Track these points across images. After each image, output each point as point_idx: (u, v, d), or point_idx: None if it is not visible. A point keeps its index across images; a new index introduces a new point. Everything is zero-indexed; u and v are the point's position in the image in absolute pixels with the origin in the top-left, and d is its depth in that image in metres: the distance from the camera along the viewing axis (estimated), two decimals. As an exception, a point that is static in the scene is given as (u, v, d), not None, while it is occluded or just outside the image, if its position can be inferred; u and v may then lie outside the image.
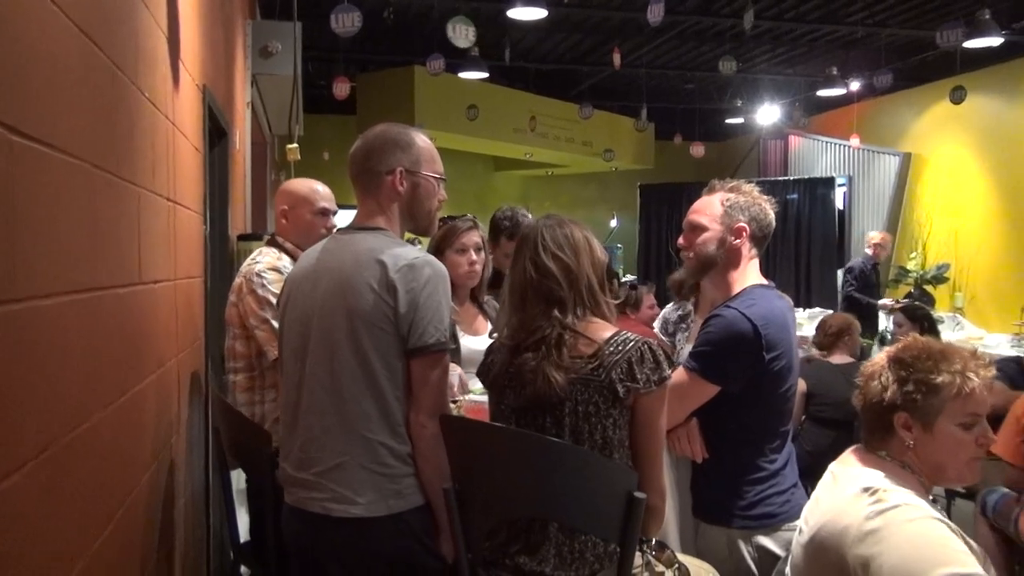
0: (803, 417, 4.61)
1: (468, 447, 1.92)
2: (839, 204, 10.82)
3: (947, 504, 4.50)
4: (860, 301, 7.57)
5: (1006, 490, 3.56)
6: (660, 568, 1.92)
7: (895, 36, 8.62)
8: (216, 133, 3.93)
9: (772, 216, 2.41)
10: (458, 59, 8.19)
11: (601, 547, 1.86)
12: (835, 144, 11.15)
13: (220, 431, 2.63)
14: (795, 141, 11.95)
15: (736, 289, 2.34)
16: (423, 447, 1.93)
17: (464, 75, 9.01)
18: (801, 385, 4.71)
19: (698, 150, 11.47)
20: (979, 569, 1.54)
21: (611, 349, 1.88)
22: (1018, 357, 4.39)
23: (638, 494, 1.79)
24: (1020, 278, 8.36)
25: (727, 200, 2.36)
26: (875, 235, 8.27)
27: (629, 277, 11.11)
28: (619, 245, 12.72)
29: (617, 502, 1.79)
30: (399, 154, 2.07)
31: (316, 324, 1.99)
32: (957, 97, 8.57)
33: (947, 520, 1.65)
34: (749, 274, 2.37)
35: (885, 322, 7.75)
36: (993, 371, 1.79)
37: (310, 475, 1.97)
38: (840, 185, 10.84)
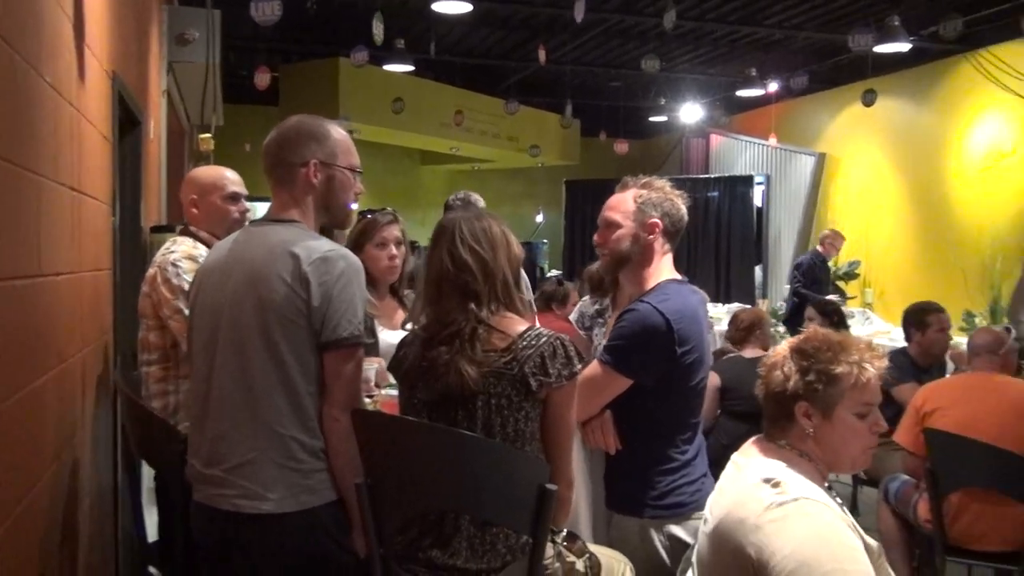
0: (718, 411, 4.73)
1: (380, 441, 1.92)
2: (757, 202, 11.12)
3: (853, 491, 4.68)
4: (806, 297, 7.73)
5: (906, 477, 3.72)
6: (571, 558, 1.95)
7: (810, 39, 8.89)
8: (128, 121, 3.81)
9: (684, 211, 2.46)
10: (383, 52, 8.12)
11: (513, 539, 1.88)
12: (754, 143, 11.45)
13: (127, 427, 2.56)
14: (716, 140, 12.23)
15: (650, 284, 2.38)
16: (336, 442, 1.92)
17: (389, 68, 8.94)
18: (715, 379, 4.83)
19: (622, 147, 11.62)
20: (870, 568, 1.60)
21: (524, 343, 1.90)
22: (905, 348, 4.59)
23: (550, 486, 1.82)
24: (926, 275, 8.73)
25: (640, 196, 2.40)
26: (826, 231, 8.45)
27: (554, 272, 11.22)
28: (545, 240, 12.82)
29: (529, 494, 1.81)
30: (314, 146, 2.04)
31: (226, 317, 1.95)
32: (868, 100, 8.89)
33: (846, 514, 1.71)
34: (663, 269, 2.42)
35: (860, 321, 7.94)
36: (886, 362, 1.87)
37: (219, 471, 1.93)
38: (758, 183, 11.13)
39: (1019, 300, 4.76)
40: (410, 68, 8.75)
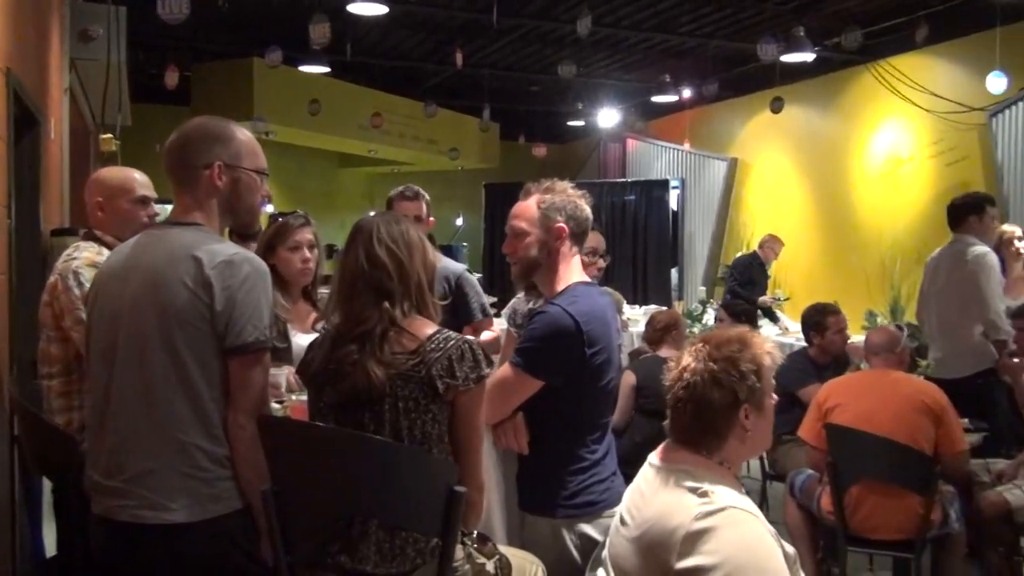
0: (633, 410, 4.82)
1: (287, 448, 1.90)
2: (673, 205, 11.35)
3: (763, 486, 4.83)
4: (741, 297, 7.89)
5: (811, 471, 3.86)
6: (481, 560, 1.96)
7: (721, 48, 9.14)
8: (25, 120, 3.66)
9: (588, 211, 2.49)
10: (298, 52, 8.00)
11: (422, 542, 1.88)
12: (669, 148, 11.70)
13: (23, 439, 2.46)
14: (633, 144, 12.44)
15: (560, 287, 2.41)
16: (241, 449, 1.89)
17: (305, 69, 8.81)
18: (631, 378, 4.92)
19: (540, 151, 11.72)
20: (785, 574, 1.64)
21: (432, 346, 1.91)
22: (805, 349, 4.77)
23: (458, 488, 1.83)
24: (831, 275, 9.06)
25: (543, 202, 2.42)
26: (766, 236, 8.62)
27: (475, 276, 11.25)
28: (465, 244, 12.81)
29: (438, 497, 1.81)
30: (218, 148, 2.00)
31: (125, 323, 1.90)
32: (776, 107, 9.19)
33: (766, 523, 1.75)
34: (572, 272, 2.45)
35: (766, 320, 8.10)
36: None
37: (119, 482, 1.88)
38: (674, 187, 11.37)
39: (923, 304, 5.01)
40: (326, 69, 8.64)
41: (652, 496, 1.79)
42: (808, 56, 7.40)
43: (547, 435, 2.38)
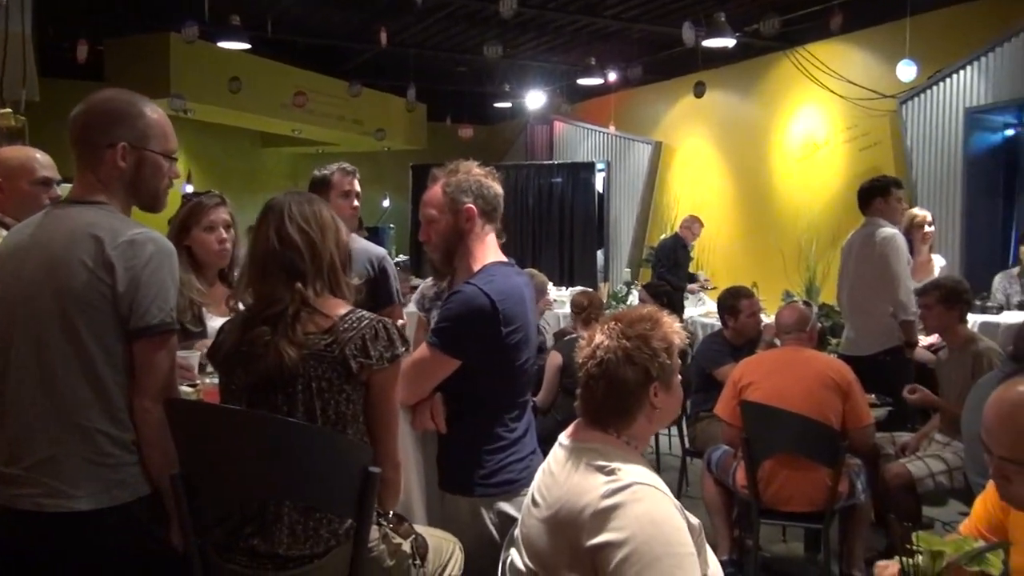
0: (558, 390, 4.88)
1: (195, 431, 1.86)
2: (599, 188, 11.46)
3: (682, 463, 4.95)
4: (668, 281, 7.97)
5: (726, 447, 3.97)
6: (397, 540, 1.97)
7: (645, 31, 9.23)
8: (-82, 94, 3.47)
9: (497, 188, 2.48)
10: (217, 28, 7.78)
11: (336, 523, 1.87)
12: (595, 131, 11.78)
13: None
14: (559, 127, 12.49)
15: (477, 267, 2.42)
16: (148, 433, 1.84)
17: (225, 45, 8.57)
18: (556, 358, 4.99)
19: (467, 132, 11.67)
20: (694, 550, 1.68)
21: (346, 325, 1.89)
22: (720, 331, 4.89)
23: (373, 469, 1.82)
24: (752, 257, 9.29)
25: (448, 186, 2.42)
26: (686, 217, 8.70)
27: (401, 258, 11.16)
28: (391, 225, 12.71)
29: (352, 478, 1.81)
30: (123, 127, 1.94)
31: (23, 306, 1.83)
32: (699, 92, 9.34)
33: (672, 497, 1.79)
34: (488, 251, 2.45)
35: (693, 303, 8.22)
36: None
37: (19, 470, 1.82)
38: (600, 170, 11.47)
39: (839, 285, 5.19)
40: (246, 46, 8.42)
41: (562, 476, 1.81)
42: (729, 42, 7.51)
43: (465, 414, 2.38)
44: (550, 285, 6.99)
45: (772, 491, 3.62)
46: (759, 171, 9.35)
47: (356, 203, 3.74)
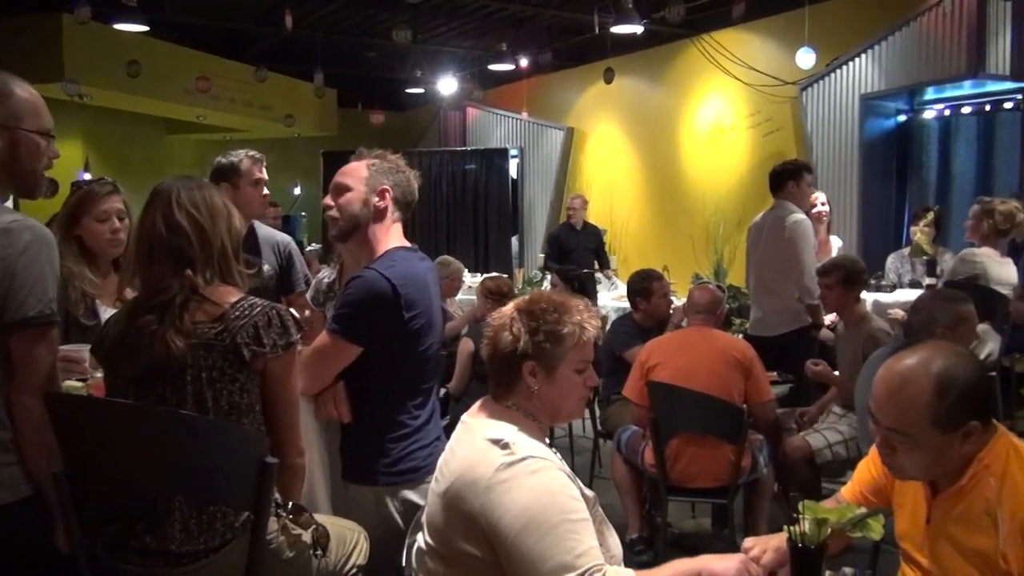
0: (471, 377, 4.88)
1: (79, 426, 1.79)
2: (513, 174, 11.48)
3: (594, 444, 5.01)
4: (552, 270, 7.90)
5: (635, 428, 4.04)
6: (297, 531, 1.93)
7: (556, 17, 9.26)
8: None
9: (415, 186, 2.51)
10: (112, 9, 7.45)
11: (232, 516, 1.83)
12: (508, 117, 11.79)
13: None
14: (472, 113, 12.45)
15: (379, 252, 2.39)
16: (27, 431, 1.76)
17: (121, 27, 8.22)
18: (468, 345, 4.98)
19: (378, 118, 11.52)
20: (590, 517, 1.71)
21: (237, 313, 1.84)
22: (630, 313, 4.97)
23: (270, 459, 1.78)
24: (662, 241, 9.47)
25: (373, 165, 2.43)
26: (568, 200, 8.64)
27: (314, 246, 10.95)
28: (303, 213, 12.47)
29: (248, 469, 1.76)
30: None
31: None
32: (608, 78, 9.44)
33: (566, 467, 1.82)
34: (392, 237, 2.43)
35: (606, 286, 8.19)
36: (599, 322, 2.00)
37: None
38: (513, 156, 11.49)
39: (747, 267, 5.33)
40: (144, 28, 8.09)
41: (458, 450, 1.83)
42: (637, 28, 7.60)
43: (368, 402, 2.36)
44: (465, 272, 6.99)
45: (679, 469, 3.70)
46: (668, 156, 9.52)
47: (266, 191, 3.69)
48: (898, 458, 1.70)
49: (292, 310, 1.95)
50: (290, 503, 1.95)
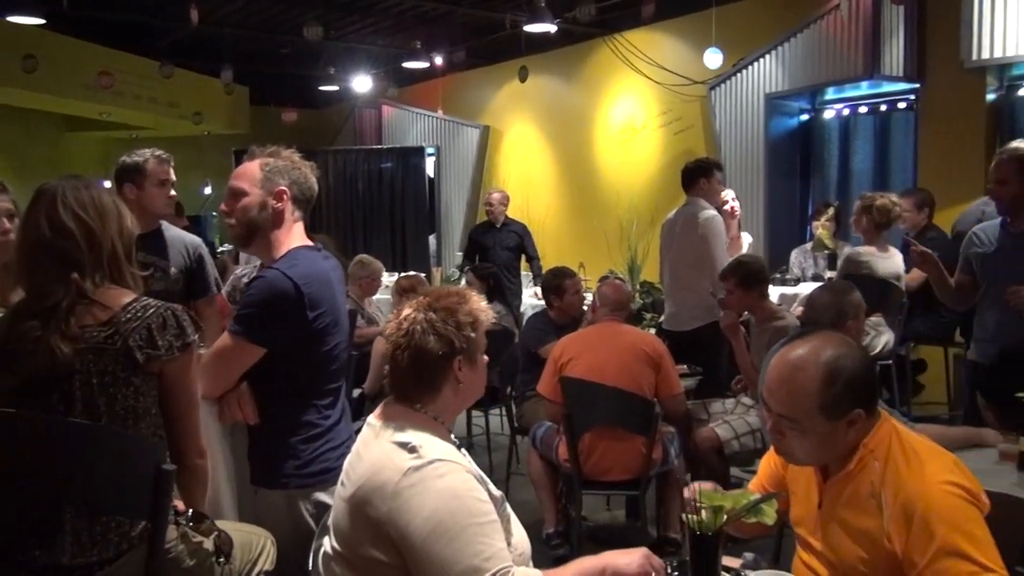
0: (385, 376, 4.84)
1: (-41, 438, 1.70)
2: (429, 172, 11.43)
3: (511, 441, 5.04)
4: (469, 269, 7.76)
5: (550, 423, 4.07)
6: (198, 539, 1.89)
7: (470, 16, 9.25)
8: None
9: (314, 180, 2.46)
10: (5, 0, 7.12)
11: (127, 526, 1.77)
12: (423, 115, 11.73)
13: None
14: (388, 111, 12.34)
15: (281, 252, 2.35)
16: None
17: (16, 19, 7.87)
18: (382, 344, 4.93)
19: (290, 116, 11.33)
20: (498, 519, 1.72)
21: (129, 315, 1.78)
22: (545, 311, 5.02)
23: (167, 466, 1.73)
24: (578, 238, 9.57)
25: (267, 165, 2.38)
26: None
27: (227, 247, 10.68)
28: (214, 213, 12.16)
29: (143, 477, 1.71)
30: None
31: None
32: (523, 76, 9.49)
33: (474, 468, 1.81)
34: (294, 237, 2.40)
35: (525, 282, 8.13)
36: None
37: None
38: (430, 155, 11.44)
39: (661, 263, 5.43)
40: (40, 21, 7.76)
41: (365, 454, 1.81)
42: (550, 27, 7.66)
43: (275, 404, 2.32)
44: (384, 272, 6.92)
45: (592, 462, 3.76)
46: (583, 154, 9.62)
47: (173, 192, 3.60)
48: (787, 443, 1.77)
49: (188, 310, 1.90)
50: (190, 510, 1.90)
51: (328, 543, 1.86)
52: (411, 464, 1.70)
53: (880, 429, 1.77)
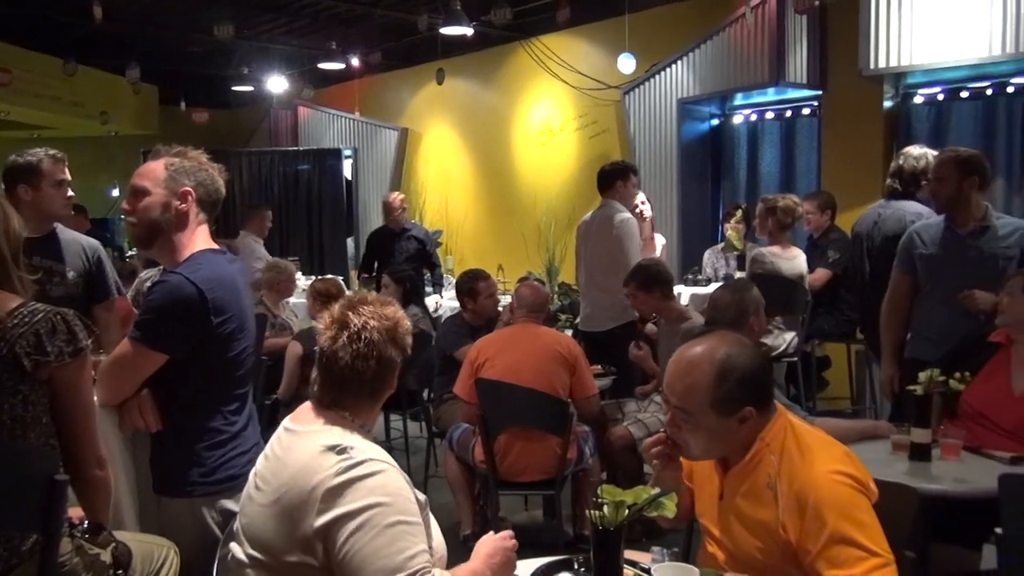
0: (299, 381, 4.78)
1: None
2: (347, 174, 11.30)
3: (428, 443, 5.02)
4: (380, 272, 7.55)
5: (466, 425, 4.08)
6: (95, 551, 1.83)
7: (386, 17, 9.19)
8: None
9: (221, 182, 2.41)
10: None
11: (16, 540, 1.71)
12: (340, 117, 11.59)
13: None
14: (304, 112, 12.15)
15: (185, 255, 2.30)
16: None
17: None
18: (296, 348, 4.88)
19: (201, 116, 11.05)
20: (420, 519, 1.73)
21: (15, 321, 1.72)
22: (460, 313, 5.02)
23: (59, 476, 1.67)
24: (497, 240, 9.60)
25: (172, 164, 2.32)
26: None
27: (136, 250, 10.35)
28: (122, 217, 11.77)
29: (33, 489, 1.65)
30: None
31: None
32: (440, 79, 9.47)
33: (402, 472, 1.81)
34: (198, 239, 2.34)
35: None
36: None
37: None
38: (347, 157, 11.31)
39: (577, 264, 5.49)
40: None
41: (289, 459, 1.79)
42: (467, 30, 7.66)
43: (179, 411, 2.27)
44: (299, 275, 6.81)
45: (508, 463, 3.78)
46: (501, 157, 9.66)
47: (71, 192, 3.49)
48: (682, 436, 1.84)
49: (80, 315, 1.83)
50: (86, 522, 1.84)
51: (239, 550, 1.83)
52: (344, 464, 1.70)
53: (776, 423, 1.84)
